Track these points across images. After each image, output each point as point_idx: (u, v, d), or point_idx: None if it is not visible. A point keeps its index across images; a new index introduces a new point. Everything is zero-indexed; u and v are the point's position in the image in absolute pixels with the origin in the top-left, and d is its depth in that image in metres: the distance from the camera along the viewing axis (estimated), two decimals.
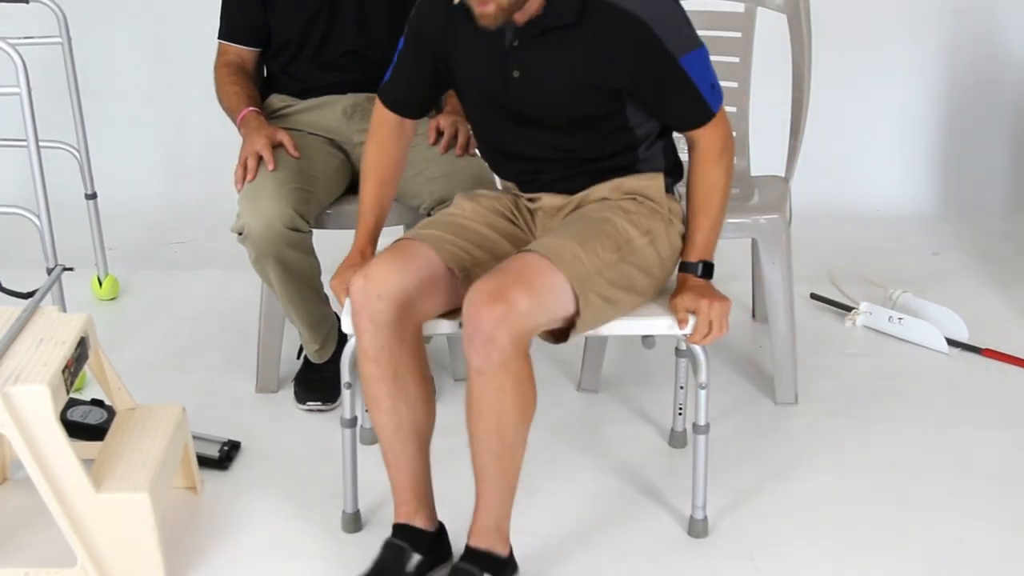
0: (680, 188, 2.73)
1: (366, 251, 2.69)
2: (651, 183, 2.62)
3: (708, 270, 2.60)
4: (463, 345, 2.31)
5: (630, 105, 2.53)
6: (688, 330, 2.55)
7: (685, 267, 2.62)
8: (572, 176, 2.63)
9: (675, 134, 2.67)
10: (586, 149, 2.60)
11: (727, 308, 2.54)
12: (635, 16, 2.40)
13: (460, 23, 2.49)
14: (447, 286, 2.49)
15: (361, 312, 2.41)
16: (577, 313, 2.41)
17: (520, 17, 2.44)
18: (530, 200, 2.69)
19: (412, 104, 2.72)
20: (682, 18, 2.47)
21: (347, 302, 2.48)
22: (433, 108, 3.15)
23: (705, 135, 2.55)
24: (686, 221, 2.64)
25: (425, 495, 2.60)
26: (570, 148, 2.60)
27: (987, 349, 3.56)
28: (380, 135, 2.73)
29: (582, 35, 2.44)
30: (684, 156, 2.68)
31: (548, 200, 2.66)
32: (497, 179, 2.83)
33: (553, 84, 2.50)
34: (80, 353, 2.57)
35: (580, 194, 2.64)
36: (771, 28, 3.46)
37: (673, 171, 2.69)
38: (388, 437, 2.53)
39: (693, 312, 2.53)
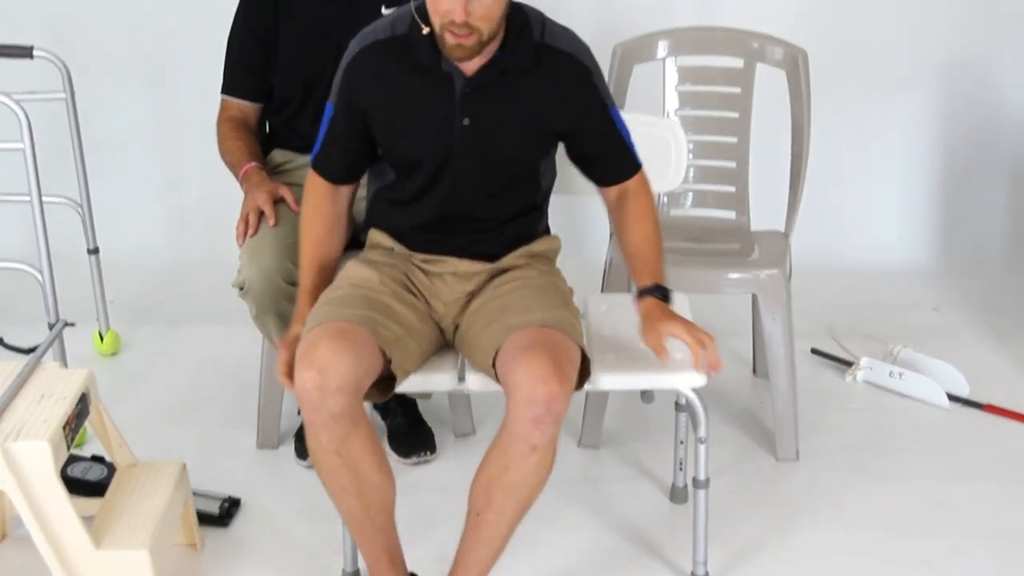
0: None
1: (306, 313, 2.54)
2: (551, 244, 2.75)
3: (665, 294, 2.58)
4: (519, 425, 2.29)
5: (546, 157, 2.66)
6: (692, 370, 2.53)
7: (643, 292, 2.58)
8: (482, 240, 2.66)
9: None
10: (501, 207, 2.65)
11: (701, 328, 2.50)
12: (579, 61, 2.55)
13: (394, 83, 2.51)
14: (377, 364, 2.42)
15: (319, 409, 2.30)
16: (585, 374, 2.45)
17: (471, 66, 2.48)
18: (427, 262, 2.68)
19: (346, 172, 2.70)
20: (602, 73, 2.63)
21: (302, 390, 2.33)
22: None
23: (634, 188, 2.67)
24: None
25: (398, 555, 2.59)
26: (489, 204, 2.64)
27: (988, 405, 3.56)
28: (313, 199, 2.70)
29: (533, 79, 2.51)
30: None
31: (464, 266, 2.66)
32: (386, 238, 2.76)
33: (504, 129, 2.54)
34: (81, 409, 2.57)
35: (495, 263, 2.68)
36: (770, 83, 3.48)
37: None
38: (358, 519, 2.50)
39: (672, 335, 2.48)
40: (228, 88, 3.27)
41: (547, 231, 2.79)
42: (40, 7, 4.60)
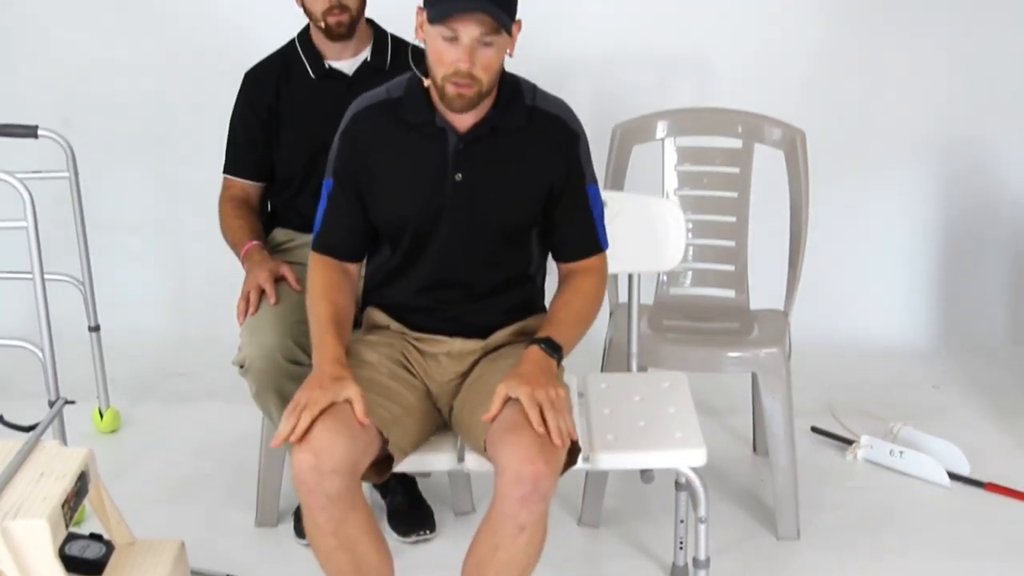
0: None
1: (343, 360, 2.46)
2: (542, 321, 2.68)
3: (555, 347, 2.51)
4: (506, 505, 2.28)
5: (536, 226, 2.68)
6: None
7: (535, 340, 2.53)
8: (475, 310, 2.67)
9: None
10: (492, 272, 2.66)
11: (560, 398, 2.37)
12: (568, 126, 2.61)
13: (388, 140, 2.56)
14: (374, 444, 2.42)
15: (315, 491, 2.29)
16: (576, 449, 2.43)
17: (464, 123, 2.53)
18: (421, 341, 2.69)
19: (352, 245, 2.67)
20: (589, 150, 2.65)
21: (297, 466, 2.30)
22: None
23: (588, 266, 2.68)
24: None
25: None
26: (480, 268, 2.65)
27: (989, 483, 3.55)
28: (327, 289, 2.61)
29: (524, 139, 2.56)
30: None
31: (457, 345, 2.68)
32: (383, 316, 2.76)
33: (495, 186, 2.57)
34: (80, 487, 2.57)
35: (487, 340, 2.69)
36: (769, 163, 3.50)
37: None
38: None
39: (515, 398, 2.38)
40: (230, 168, 3.30)
41: (543, 308, 2.79)
42: (46, 87, 4.65)
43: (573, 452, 2.42)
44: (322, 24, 3.14)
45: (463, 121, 2.53)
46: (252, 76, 3.27)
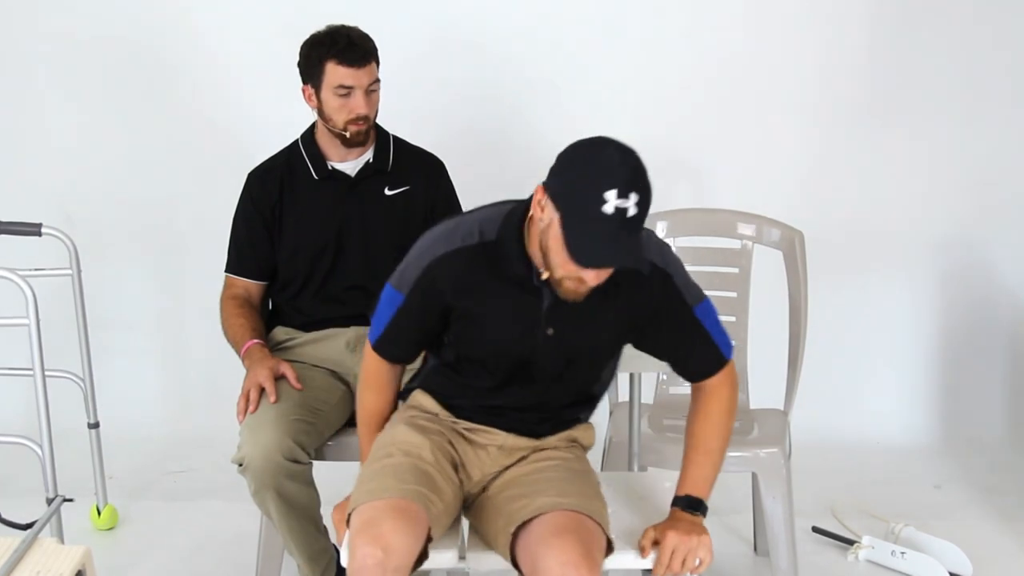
0: None
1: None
2: (588, 433, 2.77)
3: (694, 504, 2.57)
4: None
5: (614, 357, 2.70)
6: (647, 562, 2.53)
7: (676, 500, 2.60)
8: (537, 422, 2.68)
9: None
10: (562, 396, 2.67)
11: (702, 544, 2.48)
12: (657, 267, 2.50)
13: (480, 288, 2.51)
14: (423, 540, 2.43)
15: None
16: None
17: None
18: (471, 431, 2.69)
19: (411, 355, 2.73)
20: (686, 270, 2.59)
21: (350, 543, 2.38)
22: None
23: (715, 383, 2.64)
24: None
25: None
26: (553, 397, 2.66)
27: None
28: (379, 381, 2.72)
29: (613, 292, 2.46)
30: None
31: (511, 441, 2.68)
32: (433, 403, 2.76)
33: (586, 340, 2.56)
34: None
35: (539, 441, 2.69)
36: (768, 263, 3.52)
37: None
38: None
39: (657, 542, 2.50)
40: (232, 267, 3.32)
41: (589, 418, 2.81)
42: (49, 184, 4.68)
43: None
44: (347, 133, 3.16)
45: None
46: (255, 176, 3.30)
